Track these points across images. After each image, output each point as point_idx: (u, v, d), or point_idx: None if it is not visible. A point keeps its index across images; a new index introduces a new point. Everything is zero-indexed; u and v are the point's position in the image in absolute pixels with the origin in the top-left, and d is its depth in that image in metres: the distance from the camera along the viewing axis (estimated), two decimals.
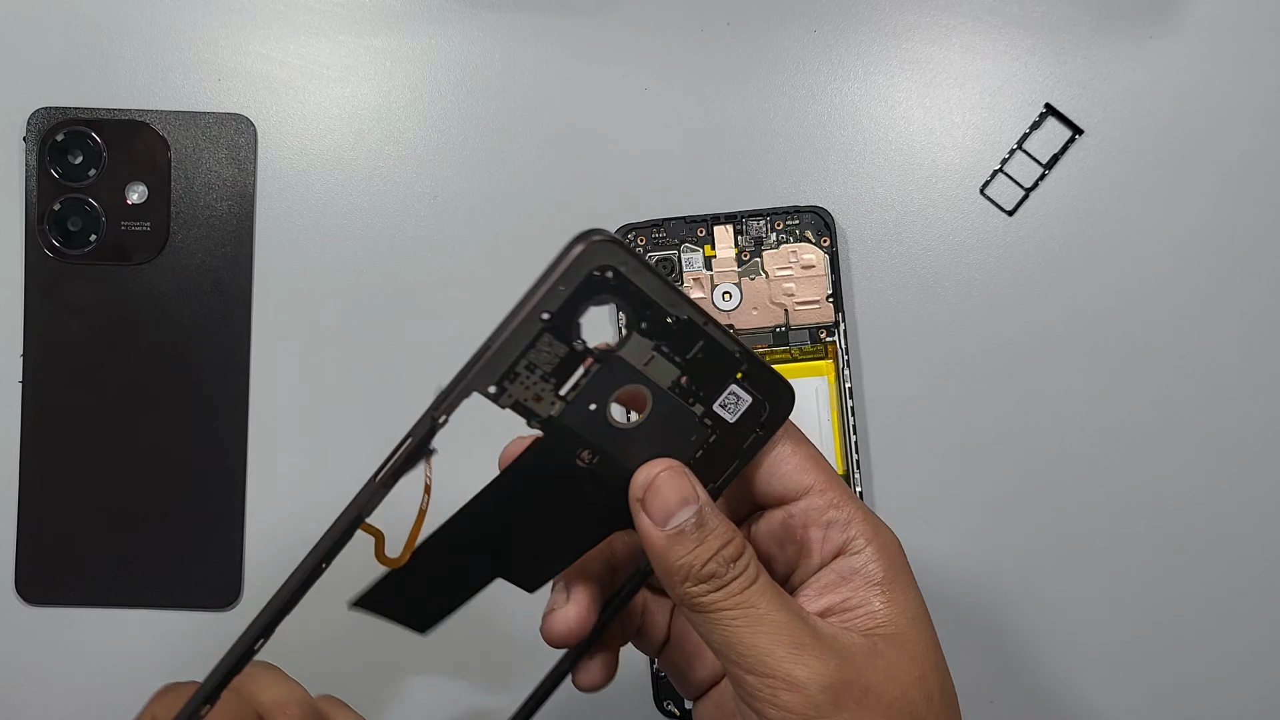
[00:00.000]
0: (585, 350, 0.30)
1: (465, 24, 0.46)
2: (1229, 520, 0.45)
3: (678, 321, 0.31)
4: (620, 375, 0.31)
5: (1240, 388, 0.45)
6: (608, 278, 0.30)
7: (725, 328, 0.32)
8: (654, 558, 0.31)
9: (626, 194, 0.46)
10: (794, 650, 0.29)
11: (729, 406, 0.32)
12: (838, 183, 0.46)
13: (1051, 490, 0.45)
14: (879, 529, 0.32)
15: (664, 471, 0.31)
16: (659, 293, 0.30)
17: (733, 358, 0.32)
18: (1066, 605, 0.45)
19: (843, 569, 0.31)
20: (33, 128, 0.45)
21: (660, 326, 0.31)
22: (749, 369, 0.32)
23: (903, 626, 0.31)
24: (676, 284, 0.31)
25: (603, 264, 0.29)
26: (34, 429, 0.45)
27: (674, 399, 0.32)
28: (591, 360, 0.30)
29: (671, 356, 0.31)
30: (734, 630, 0.29)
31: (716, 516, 0.31)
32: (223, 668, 0.30)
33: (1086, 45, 0.46)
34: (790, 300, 0.45)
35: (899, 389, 0.45)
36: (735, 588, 0.30)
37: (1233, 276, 0.46)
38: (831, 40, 0.47)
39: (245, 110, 0.46)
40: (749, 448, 0.32)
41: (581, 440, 0.31)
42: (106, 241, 0.45)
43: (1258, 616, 0.45)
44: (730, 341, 0.32)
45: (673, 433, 0.32)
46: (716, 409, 0.32)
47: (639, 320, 0.30)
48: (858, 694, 0.29)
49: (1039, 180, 0.46)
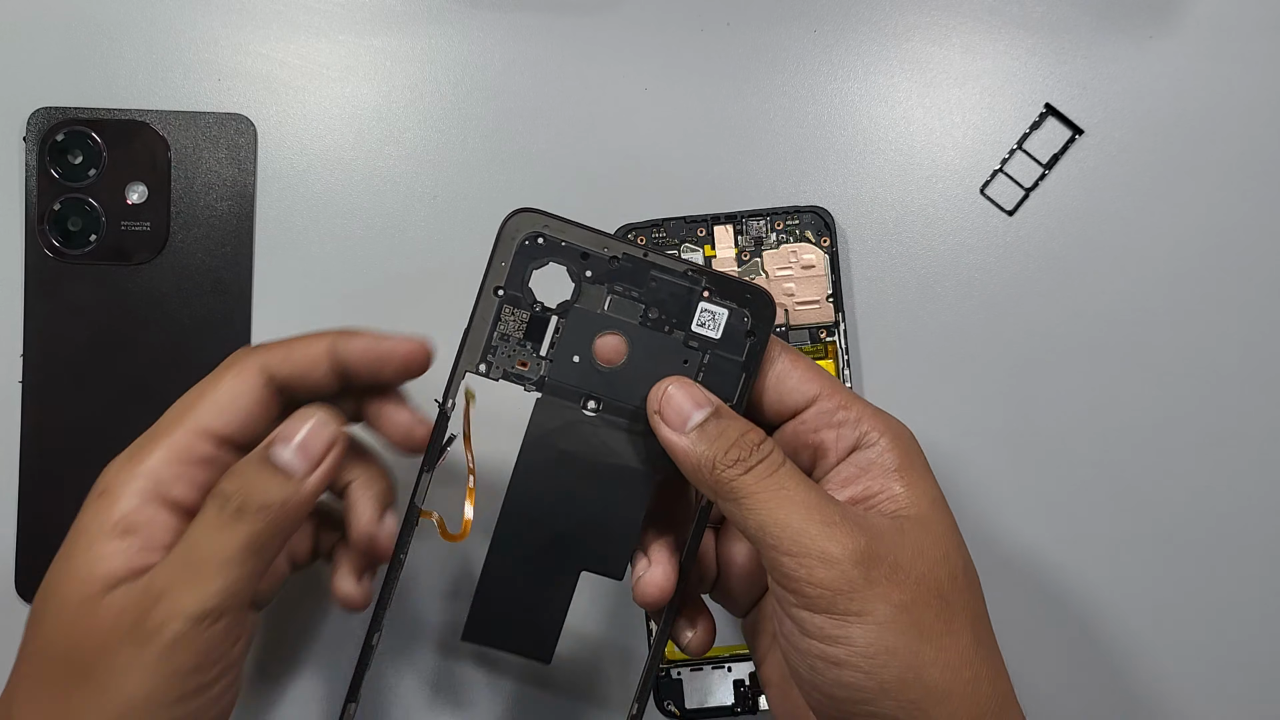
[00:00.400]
0: (545, 310, 0.34)
1: (465, 24, 0.46)
2: (1229, 520, 0.45)
3: (619, 260, 0.34)
4: (590, 324, 0.34)
5: (1241, 387, 0.45)
6: (539, 243, 0.34)
7: (671, 254, 0.35)
8: (682, 463, 0.32)
9: (626, 194, 0.46)
10: (826, 527, 0.30)
11: (707, 324, 0.34)
12: (838, 183, 0.46)
13: (1052, 490, 0.45)
14: (890, 422, 0.34)
15: (673, 384, 0.33)
16: (590, 240, 0.34)
17: (687, 277, 0.34)
18: (1067, 605, 0.45)
19: (860, 462, 0.33)
20: (33, 127, 0.45)
21: (605, 270, 0.34)
22: (711, 283, 0.34)
23: (924, 508, 0.32)
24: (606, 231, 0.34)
25: (529, 232, 0.34)
26: (34, 429, 0.45)
27: (650, 332, 0.34)
28: (555, 317, 0.34)
29: (628, 293, 0.34)
30: (769, 511, 0.31)
31: (731, 413, 0.33)
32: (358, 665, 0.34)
33: (1087, 45, 0.46)
34: (790, 300, 0.45)
35: (899, 389, 0.45)
36: (763, 470, 0.31)
37: (1233, 276, 0.46)
38: (831, 40, 0.47)
39: (245, 110, 0.46)
40: (748, 357, 0.34)
41: (579, 391, 0.34)
42: (106, 241, 0.45)
43: (1258, 617, 0.45)
44: (678, 264, 0.34)
45: (664, 362, 0.34)
46: (696, 329, 0.34)
47: (583, 270, 0.34)
48: (888, 569, 0.30)
49: (1039, 180, 0.46)
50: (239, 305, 0.45)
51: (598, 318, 0.34)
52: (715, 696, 0.44)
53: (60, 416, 0.45)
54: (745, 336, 0.34)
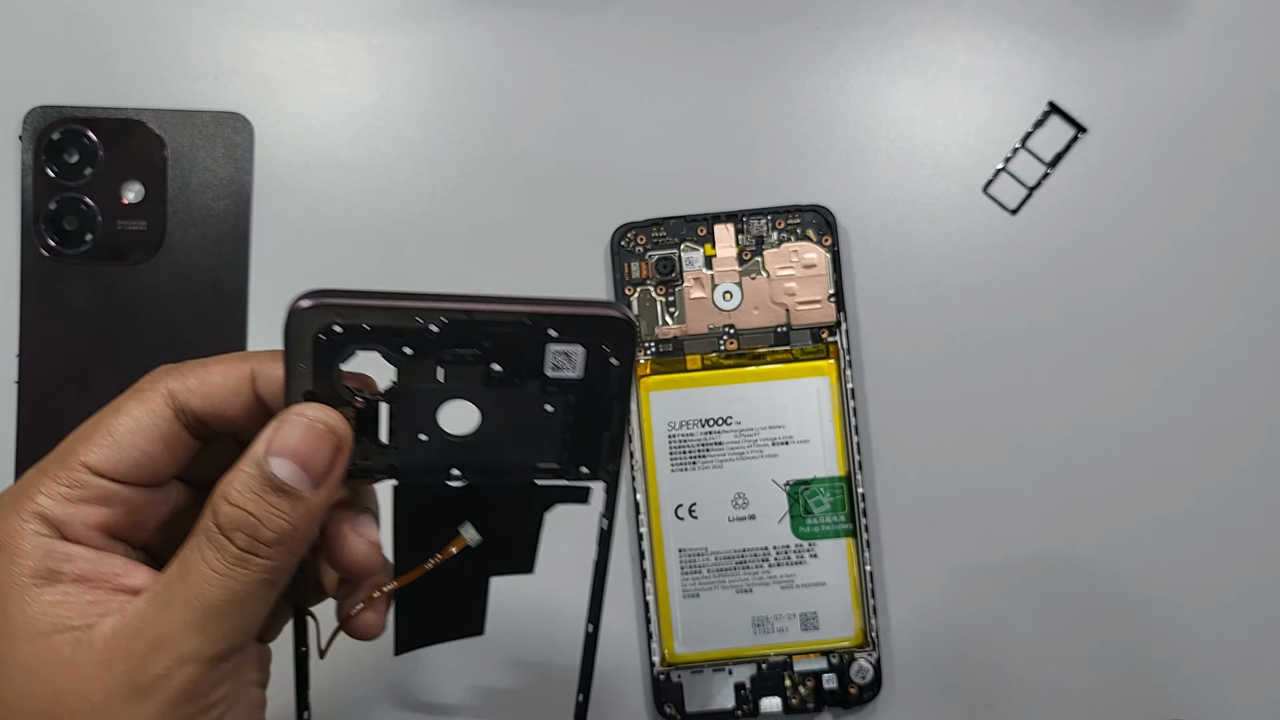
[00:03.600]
0: (369, 399, 0.30)
1: (464, 22, 0.46)
2: (1230, 521, 0.45)
3: (440, 327, 0.29)
4: (424, 401, 0.30)
5: (1245, 386, 0.45)
6: (336, 332, 0.28)
7: (503, 301, 0.29)
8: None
9: (626, 193, 0.46)
10: None
11: (564, 366, 0.30)
12: (839, 181, 0.46)
13: (1054, 490, 0.45)
14: None
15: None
16: (397, 316, 0.29)
17: (523, 325, 0.29)
18: (1067, 604, 0.45)
19: None
20: (28, 126, 0.45)
21: (427, 341, 0.29)
22: (554, 326, 0.29)
23: None
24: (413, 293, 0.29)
25: (319, 326, 0.28)
26: (29, 429, 0.44)
27: (499, 390, 0.30)
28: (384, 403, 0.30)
29: (461, 358, 0.29)
30: None
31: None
32: None
33: (1090, 43, 0.46)
34: (792, 300, 0.45)
35: (901, 389, 0.45)
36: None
37: (1237, 274, 0.45)
38: (833, 38, 0.46)
39: (242, 109, 0.45)
40: (619, 386, 0.30)
41: (436, 468, 0.31)
42: (102, 241, 0.45)
43: (1259, 617, 0.45)
44: (512, 311, 0.29)
45: (524, 414, 0.30)
46: (552, 374, 0.30)
47: (400, 346, 0.29)
48: None
49: (1042, 179, 0.46)
50: (235, 305, 0.45)
51: (432, 393, 0.30)
52: (716, 700, 0.43)
53: (56, 417, 0.44)
54: (610, 368, 0.30)
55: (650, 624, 0.43)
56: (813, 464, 0.44)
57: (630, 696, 0.44)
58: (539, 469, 0.31)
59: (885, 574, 0.45)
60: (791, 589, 0.44)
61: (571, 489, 0.32)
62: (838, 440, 0.44)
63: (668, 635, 0.44)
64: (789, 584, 0.44)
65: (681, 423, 0.44)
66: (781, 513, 0.44)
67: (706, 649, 0.44)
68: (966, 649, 0.44)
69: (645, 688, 0.44)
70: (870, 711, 0.44)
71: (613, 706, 0.44)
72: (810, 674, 0.43)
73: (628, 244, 0.45)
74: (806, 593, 0.44)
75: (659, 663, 0.43)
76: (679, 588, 0.44)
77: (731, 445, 0.44)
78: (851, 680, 0.43)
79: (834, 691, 0.43)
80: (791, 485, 0.44)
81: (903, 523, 0.45)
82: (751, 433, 0.44)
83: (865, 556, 0.43)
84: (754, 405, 0.44)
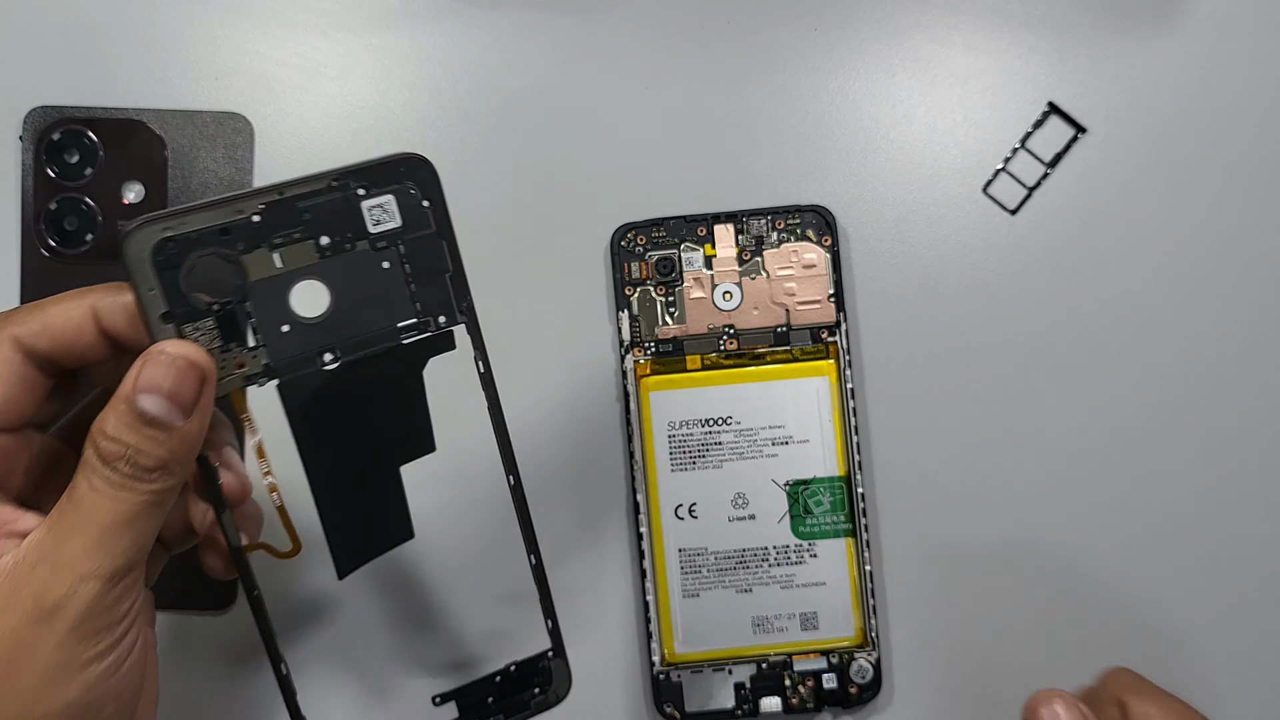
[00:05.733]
0: (225, 304, 0.31)
1: (464, 22, 0.46)
2: (1230, 521, 0.45)
3: (260, 213, 0.31)
4: (273, 289, 0.32)
5: (1244, 386, 0.45)
6: (170, 249, 0.30)
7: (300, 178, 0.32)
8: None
9: (626, 193, 0.46)
10: None
11: (382, 219, 0.33)
12: (839, 181, 0.46)
13: (1053, 490, 0.45)
14: None
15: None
16: (220, 214, 0.31)
17: (330, 188, 0.32)
18: (1069, 605, 0.45)
19: None
20: (29, 126, 0.45)
21: (254, 231, 0.31)
22: (359, 181, 0.32)
23: None
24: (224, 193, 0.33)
25: (154, 243, 0.30)
26: None
27: (334, 259, 0.32)
28: (241, 305, 0.32)
29: (290, 238, 0.32)
30: None
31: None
32: None
33: (1089, 43, 0.46)
34: (791, 300, 0.45)
35: (901, 389, 0.45)
36: None
37: (1236, 274, 0.45)
38: (833, 38, 0.46)
39: (242, 109, 0.46)
40: (439, 225, 0.34)
41: (308, 355, 0.33)
42: (103, 241, 0.45)
43: (1260, 617, 0.45)
44: (317, 181, 0.32)
45: (369, 281, 0.33)
46: (374, 230, 0.33)
47: (234, 244, 0.31)
48: None
49: (1042, 179, 0.46)
50: None
51: (276, 280, 0.32)
52: (716, 699, 0.43)
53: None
54: (423, 206, 0.33)
55: (650, 623, 0.43)
56: (812, 464, 0.44)
57: (630, 696, 0.44)
58: (400, 329, 0.33)
59: (884, 574, 0.45)
60: (791, 589, 0.44)
61: (436, 338, 0.34)
62: (837, 440, 0.44)
63: (668, 635, 0.44)
64: (789, 584, 0.44)
65: (681, 422, 0.44)
66: (781, 512, 0.44)
67: (706, 649, 0.44)
68: (966, 648, 0.45)
69: (645, 687, 0.44)
70: (870, 711, 0.44)
71: (613, 706, 0.44)
72: (810, 674, 0.43)
73: (628, 244, 0.45)
74: (806, 592, 0.44)
75: (659, 662, 0.43)
76: (679, 587, 0.44)
77: (731, 445, 0.44)
78: (851, 680, 0.43)
79: (833, 691, 0.43)
80: (791, 485, 0.44)
81: (902, 522, 0.45)
82: (751, 433, 0.44)
83: (865, 556, 0.44)
84: (754, 405, 0.44)
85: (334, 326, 0.33)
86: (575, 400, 0.45)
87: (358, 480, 0.35)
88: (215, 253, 0.31)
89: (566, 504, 0.45)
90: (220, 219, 0.31)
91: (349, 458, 0.35)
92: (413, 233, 0.33)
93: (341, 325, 0.33)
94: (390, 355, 0.33)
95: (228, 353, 0.32)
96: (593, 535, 0.45)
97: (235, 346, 0.32)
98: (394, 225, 0.33)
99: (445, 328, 0.34)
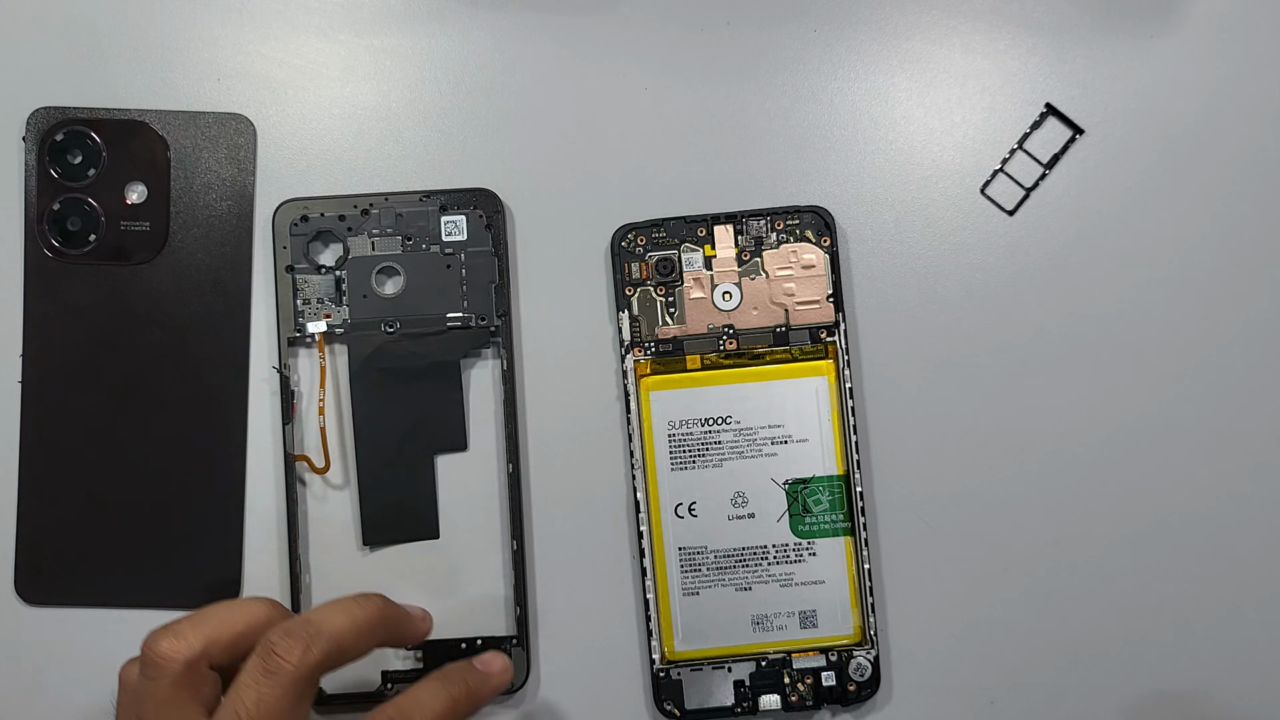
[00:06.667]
0: (328, 270, 0.44)
1: (465, 23, 0.46)
2: (1230, 521, 0.45)
3: (368, 211, 0.44)
4: (364, 266, 0.44)
5: (1243, 388, 0.45)
6: (305, 221, 0.44)
7: (401, 191, 0.44)
8: None
9: (626, 194, 0.46)
10: None
11: (453, 232, 0.44)
12: (838, 182, 0.46)
13: (1052, 490, 0.45)
14: None
15: None
16: (342, 205, 0.44)
17: (422, 202, 0.44)
18: (1067, 604, 0.45)
19: None
20: (32, 127, 0.45)
21: (360, 222, 0.44)
22: (443, 201, 0.44)
23: None
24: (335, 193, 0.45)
25: (294, 218, 0.44)
26: (33, 429, 0.45)
27: (412, 255, 0.44)
28: (337, 272, 0.44)
29: (384, 232, 0.44)
30: None
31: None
32: None
33: (1087, 45, 0.46)
34: (790, 300, 0.45)
35: (899, 389, 0.45)
36: None
37: (1234, 276, 0.46)
38: (832, 39, 0.46)
39: (245, 110, 0.46)
40: (495, 244, 0.44)
41: (376, 320, 0.44)
42: (106, 241, 0.45)
43: (1260, 619, 0.45)
44: (413, 194, 0.44)
45: (433, 277, 0.44)
46: (445, 239, 0.44)
47: (345, 228, 0.44)
48: None
49: (1039, 180, 0.46)
50: (238, 305, 0.45)
51: (368, 259, 0.44)
52: (715, 697, 0.44)
53: (60, 417, 0.45)
54: (486, 229, 0.44)
55: (650, 621, 0.44)
56: (811, 463, 0.44)
57: (630, 693, 0.45)
58: (448, 319, 0.44)
59: (883, 572, 0.45)
60: (790, 587, 0.44)
61: (474, 331, 0.44)
62: (836, 439, 0.44)
63: (667, 633, 0.44)
64: (788, 582, 0.44)
65: (681, 422, 0.44)
66: (780, 511, 0.44)
67: (706, 646, 0.44)
68: (964, 646, 0.45)
69: (645, 685, 0.45)
70: (868, 709, 0.44)
71: (612, 703, 0.45)
72: (809, 671, 0.44)
73: (628, 244, 0.45)
74: (805, 590, 0.44)
75: (659, 660, 0.44)
76: (678, 585, 0.44)
77: (731, 444, 0.44)
78: (850, 677, 0.44)
79: (832, 689, 0.44)
80: (790, 484, 0.44)
81: (901, 521, 0.45)
82: (750, 432, 0.44)
83: (863, 555, 0.44)
84: (753, 405, 0.44)
85: (400, 305, 0.44)
86: (575, 400, 0.45)
87: (396, 457, 0.43)
88: (332, 231, 0.44)
89: (567, 503, 0.45)
90: (341, 209, 0.44)
91: (391, 428, 0.43)
92: (474, 247, 0.44)
93: (405, 306, 0.44)
94: (436, 338, 0.43)
95: (321, 304, 0.44)
96: (593, 534, 0.45)
97: (328, 301, 0.44)
98: (461, 238, 0.44)
99: (484, 326, 0.44)
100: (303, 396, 0.45)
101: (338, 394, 0.44)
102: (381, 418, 0.43)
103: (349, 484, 0.45)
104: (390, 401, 0.43)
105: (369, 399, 0.43)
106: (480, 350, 0.44)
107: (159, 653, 0.35)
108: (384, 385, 0.43)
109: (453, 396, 0.44)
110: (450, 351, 0.43)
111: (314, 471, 0.44)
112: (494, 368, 0.45)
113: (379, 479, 0.43)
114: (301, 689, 0.35)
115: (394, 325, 0.43)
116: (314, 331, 0.43)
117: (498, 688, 0.40)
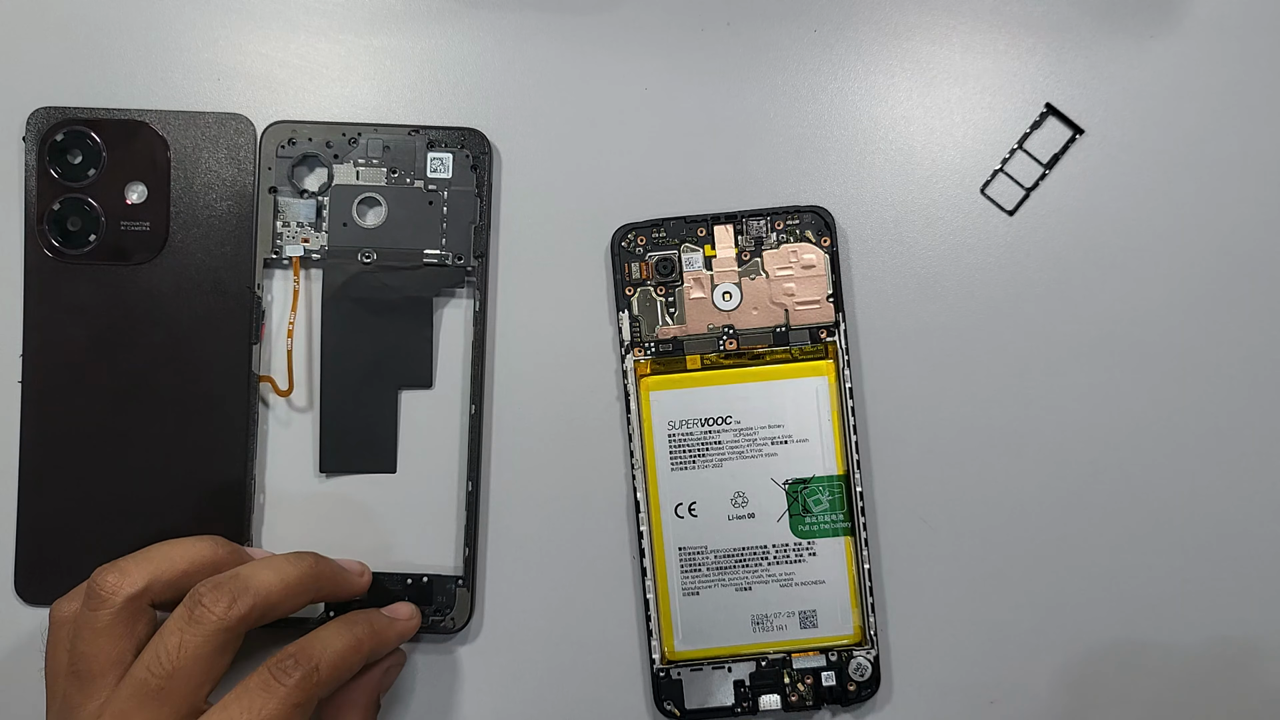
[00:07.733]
0: (311, 194, 0.44)
1: (465, 23, 0.46)
2: (1230, 521, 0.45)
3: (356, 139, 0.44)
4: (347, 194, 0.44)
5: (1243, 388, 0.45)
6: (292, 144, 0.44)
7: (390, 123, 0.45)
8: None
9: (626, 194, 0.46)
10: None
11: (438, 169, 0.44)
12: (838, 182, 0.46)
13: (1053, 490, 0.45)
14: None
15: None
16: (331, 131, 0.44)
17: (410, 136, 0.44)
18: (1067, 604, 0.45)
19: None
20: (32, 127, 0.45)
21: (348, 150, 0.44)
22: (431, 135, 0.44)
23: None
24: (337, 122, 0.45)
25: (282, 140, 0.44)
26: (33, 429, 0.45)
27: (396, 187, 0.44)
28: (318, 197, 0.44)
29: (370, 162, 0.44)
30: None
31: None
32: None
33: (1087, 45, 0.46)
34: (790, 300, 0.45)
35: (899, 389, 0.45)
36: None
37: (1234, 276, 0.46)
38: (832, 40, 0.47)
39: (245, 110, 0.46)
40: (479, 185, 0.44)
41: (353, 249, 0.44)
42: (106, 241, 0.45)
43: (1259, 618, 0.45)
44: (403, 128, 0.44)
45: (415, 211, 0.44)
46: (430, 175, 0.44)
47: (332, 155, 0.44)
48: None
49: (1039, 180, 0.46)
50: (239, 305, 0.45)
51: (351, 188, 0.44)
52: (715, 697, 0.44)
53: (60, 417, 0.45)
54: (471, 170, 0.44)
55: (650, 621, 0.44)
56: (811, 463, 0.44)
57: (630, 693, 0.45)
58: (425, 255, 0.44)
59: (883, 572, 0.45)
60: (790, 587, 0.44)
61: (453, 268, 0.44)
62: (836, 439, 0.44)
63: (667, 633, 0.44)
64: (788, 582, 0.44)
65: (681, 422, 0.44)
66: (780, 511, 0.44)
67: (706, 646, 0.44)
68: (964, 646, 0.45)
69: (645, 685, 0.45)
70: (868, 709, 0.45)
71: (612, 703, 0.45)
72: (809, 671, 0.44)
73: (628, 245, 0.45)
74: (805, 590, 0.44)
75: (659, 660, 0.44)
76: (678, 585, 0.44)
77: (731, 444, 0.44)
78: (850, 677, 0.44)
79: (832, 689, 0.44)
80: (790, 484, 0.44)
81: (901, 521, 0.45)
82: (750, 432, 0.44)
83: (863, 555, 0.44)
84: (753, 405, 0.44)
85: (379, 237, 0.44)
86: (575, 400, 0.45)
87: (360, 387, 0.44)
88: (319, 156, 0.44)
89: (567, 502, 0.45)
90: (330, 134, 0.44)
91: (358, 359, 0.44)
92: (458, 186, 0.44)
93: (384, 238, 0.44)
94: (412, 273, 0.44)
95: (301, 228, 0.44)
96: (593, 533, 0.45)
97: (308, 226, 0.44)
98: (445, 176, 0.44)
99: (461, 265, 0.44)
100: (273, 319, 0.45)
101: (309, 320, 0.45)
102: (350, 347, 0.44)
103: (312, 410, 0.45)
104: (360, 331, 0.44)
105: (339, 327, 0.44)
106: (455, 289, 0.45)
107: (104, 586, 0.37)
108: (355, 315, 0.44)
109: (422, 332, 0.44)
110: (424, 288, 0.44)
111: (277, 393, 0.44)
112: (467, 308, 0.45)
113: (341, 407, 0.44)
114: (223, 640, 0.37)
115: (371, 256, 0.44)
116: (291, 255, 0.44)
117: (403, 634, 0.42)
